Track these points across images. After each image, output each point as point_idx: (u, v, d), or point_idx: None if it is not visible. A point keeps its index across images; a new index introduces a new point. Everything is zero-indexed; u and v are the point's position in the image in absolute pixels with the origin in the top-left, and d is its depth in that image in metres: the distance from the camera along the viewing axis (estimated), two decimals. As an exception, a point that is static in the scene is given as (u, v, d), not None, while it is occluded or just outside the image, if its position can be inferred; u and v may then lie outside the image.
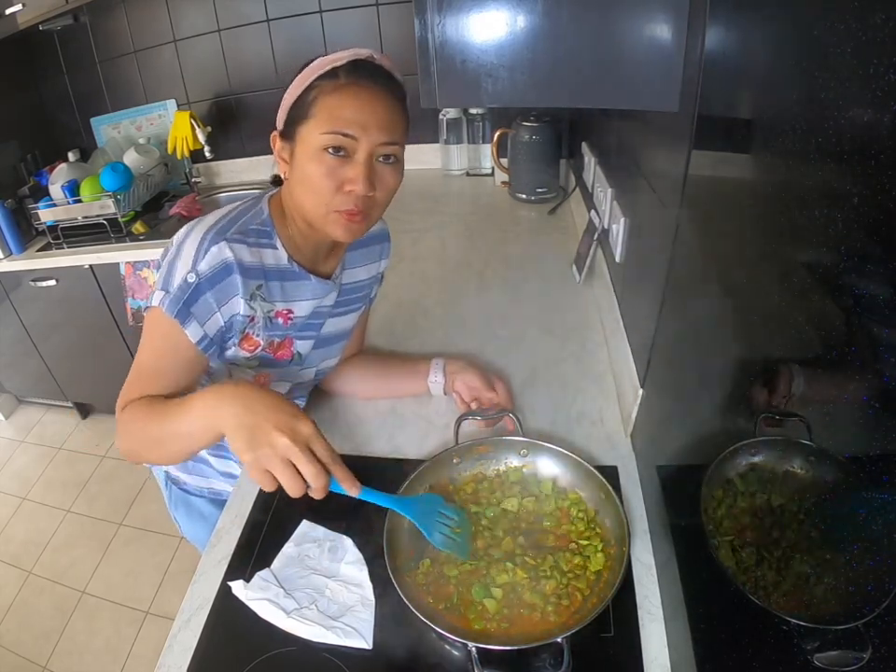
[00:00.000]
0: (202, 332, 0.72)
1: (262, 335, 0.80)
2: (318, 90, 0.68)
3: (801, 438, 0.45)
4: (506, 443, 0.85)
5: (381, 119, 0.68)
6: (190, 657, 0.68)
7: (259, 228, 0.76)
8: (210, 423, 0.62)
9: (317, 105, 0.68)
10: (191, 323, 0.70)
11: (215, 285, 0.70)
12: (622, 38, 0.70)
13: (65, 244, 2.06)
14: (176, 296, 0.69)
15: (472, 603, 0.69)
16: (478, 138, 2.04)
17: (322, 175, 0.68)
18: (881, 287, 0.34)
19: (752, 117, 0.54)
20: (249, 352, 0.80)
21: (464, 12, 0.71)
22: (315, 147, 0.68)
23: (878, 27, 0.32)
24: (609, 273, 1.20)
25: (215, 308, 0.72)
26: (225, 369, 0.83)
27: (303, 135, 0.69)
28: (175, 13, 2.09)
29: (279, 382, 0.88)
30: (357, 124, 0.67)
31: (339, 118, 0.67)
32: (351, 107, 0.67)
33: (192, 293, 0.69)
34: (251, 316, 0.76)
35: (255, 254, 0.74)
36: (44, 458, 2.47)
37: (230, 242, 0.71)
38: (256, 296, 0.75)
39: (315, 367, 0.94)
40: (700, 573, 0.60)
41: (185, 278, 0.69)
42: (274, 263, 0.77)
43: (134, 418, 0.70)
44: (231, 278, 0.71)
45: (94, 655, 1.73)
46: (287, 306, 0.80)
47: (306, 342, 0.87)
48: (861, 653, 0.35)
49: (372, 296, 1.01)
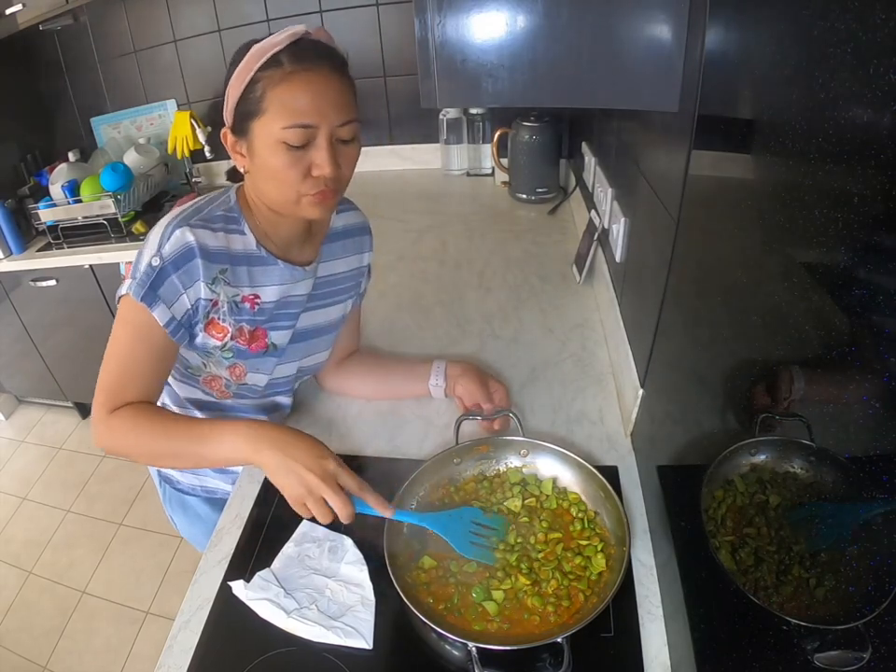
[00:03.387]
0: (169, 314, 0.72)
1: (229, 320, 0.79)
2: (265, 82, 0.67)
3: (801, 438, 0.45)
4: (506, 443, 0.85)
5: (334, 100, 0.68)
6: (190, 657, 0.68)
7: (226, 214, 0.76)
8: (247, 458, 0.70)
9: (267, 99, 0.67)
10: (159, 305, 0.71)
11: (179, 267, 0.71)
12: (622, 38, 0.70)
13: (65, 244, 2.06)
14: (142, 280, 0.71)
15: (473, 604, 0.69)
16: (478, 138, 2.04)
17: (287, 166, 0.68)
18: (881, 287, 0.34)
19: (752, 117, 0.54)
20: (219, 339, 0.80)
21: (464, 12, 0.71)
22: (273, 140, 0.67)
23: (878, 27, 0.32)
24: (609, 272, 1.20)
25: (181, 290, 0.72)
26: (200, 363, 0.84)
27: (258, 130, 0.68)
28: (175, 13, 2.09)
29: (255, 373, 0.87)
30: (314, 112, 0.67)
31: (294, 110, 0.66)
32: (304, 96, 0.66)
33: (157, 276, 0.71)
34: (213, 300, 0.76)
35: (220, 238, 0.75)
36: (44, 458, 2.47)
37: (192, 227, 0.72)
38: (218, 280, 0.75)
39: (297, 362, 0.92)
40: (700, 573, 0.60)
41: (149, 262, 0.71)
42: (242, 248, 0.77)
43: (136, 429, 0.72)
44: (194, 261, 0.72)
45: (94, 655, 1.73)
46: (254, 291, 0.80)
47: (281, 332, 0.86)
48: (861, 653, 0.35)
49: (361, 291, 1.00)
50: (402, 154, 2.19)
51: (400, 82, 2.05)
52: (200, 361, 0.84)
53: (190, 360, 0.84)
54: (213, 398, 0.90)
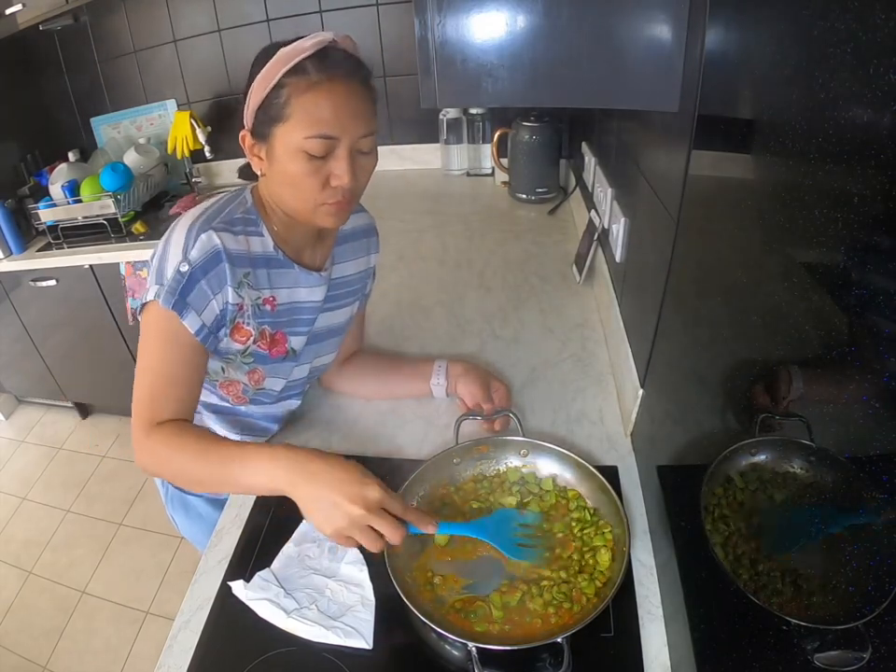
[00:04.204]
0: (199, 322, 0.71)
1: (252, 323, 0.79)
2: (290, 88, 0.66)
3: (801, 438, 0.45)
4: (506, 443, 0.85)
5: (357, 113, 0.68)
6: (190, 657, 0.68)
7: (245, 216, 0.76)
8: (277, 488, 0.64)
9: (292, 106, 0.66)
10: (189, 313, 0.70)
11: (207, 272, 0.70)
12: (622, 38, 0.70)
13: (65, 244, 2.06)
14: (171, 287, 0.69)
15: (473, 604, 0.69)
16: (478, 138, 2.04)
17: (306, 174, 0.68)
18: (881, 287, 0.34)
19: (752, 116, 0.54)
20: (241, 343, 0.80)
21: (464, 12, 0.71)
22: (294, 147, 0.67)
23: (878, 27, 0.32)
24: (609, 272, 1.20)
25: (210, 295, 0.71)
26: (219, 367, 0.83)
27: (280, 136, 0.68)
28: (175, 13, 2.09)
29: (273, 378, 0.87)
30: (338, 124, 0.67)
31: (318, 119, 0.66)
32: (329, 107, 0.66)
33: (187, 283, 0.69)
34: (240, 304, 0.76)
35: (241, 242, 0.74)
36: (44, 458, 2.47)
37: (216, 230, 0.71)
38: (243, 284, 0.75)
39: (309, 363, 0.93)
40: (700, 573, 0.60)
41: (177, 268, 0.69)
42: (261, 250, 0.77)
43: (171, 448, 0.68)
44: (220, 266, 0.71)
45: (94, 655, 1.73)
46: (273, 293, 0.80)
47: (300, 337, 0.87)
48: (861, 653, 0.35)
49: (367, 292, 1.01)
50: (402, 154, 2.19)
51: (400, 82, 2.04)
52: (219, 366, 0.83)
53: (210, 365, 0.81)
54: (228, 402, 0.89)
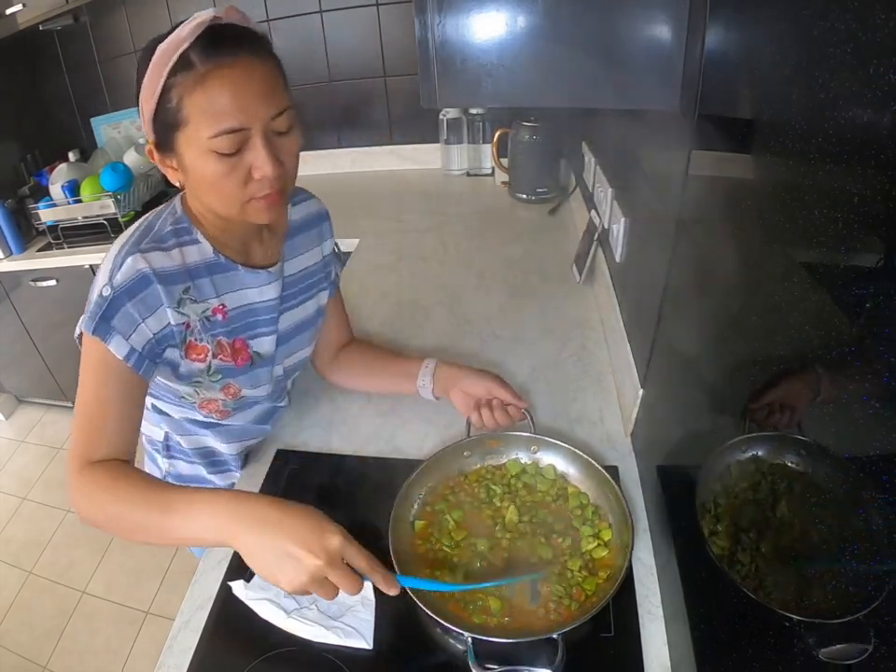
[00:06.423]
0: (127, 346, 0.67)
1: (205, 337, 0.75)
2: (178, 88, 0.59)
3: (800, 436, 0.45)
4: (517, 439, 0.86)
5: (262, 92, 0.61)
6: (190, 657, 0.68)
7: (175, 227, 0.72)
8: (223, 539, 0.58)
9: (186, 108, 0.60)
10: (114, 337, 0.66)
11: (134, 295, 0.67)
12: (622, 38, 0.70)
13: (65, 244, 2.06)
14: (93, 312, 0.66)
15: (474, 597, 0.69)
16: (478, 138, 2.04)
17: (223, 175, 0.63)
18: (881, 287, 0.34)
19: (752, 117, 0.54)
20: (201, 361, 0.76)
21: (464, 12, 0.71)
22: (202, 150, 0.61)
23: (878, 27, 0.32)
24: (609, 272, 1.20)
25: (138, 319, 0.67)
26: (192, 390, 0.79)
27: (184, 142, 0.62)
28: (176, 13, 2.09)
29: (251, 389, 0.83)
30: (241, 112, 0.60)
31: (218, 114, 0.59)
32: (226, 97, 0.59)
33: (109, 306, 0.66)
34: (186, 323, 0.72)
35: (175, 256, 0.70)
36: (44, 458, 2.46)
37: (143, 252, 0.68)
38: (184, 300, 0.71)
39: (280, 364, 0.88)
40: (700, 573, 0.60)
41: (100, 293, 0.66)
42: (200, 259, 0.73)
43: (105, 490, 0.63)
44: (151, 289, 0.67)
45: (94, 655, 1.72)
46: (221, 301, 0.76)
47: (264, 339, 0.82)
48: (865, 645, 0.35)
49: (333, 279, 0.95)
50: (402, 154, 2.19)
51: (400, 82, 2.05)
52: (191, 389, 0.79)
53: (181, 390, 0.79)
54: (213, 418, 0.87)
